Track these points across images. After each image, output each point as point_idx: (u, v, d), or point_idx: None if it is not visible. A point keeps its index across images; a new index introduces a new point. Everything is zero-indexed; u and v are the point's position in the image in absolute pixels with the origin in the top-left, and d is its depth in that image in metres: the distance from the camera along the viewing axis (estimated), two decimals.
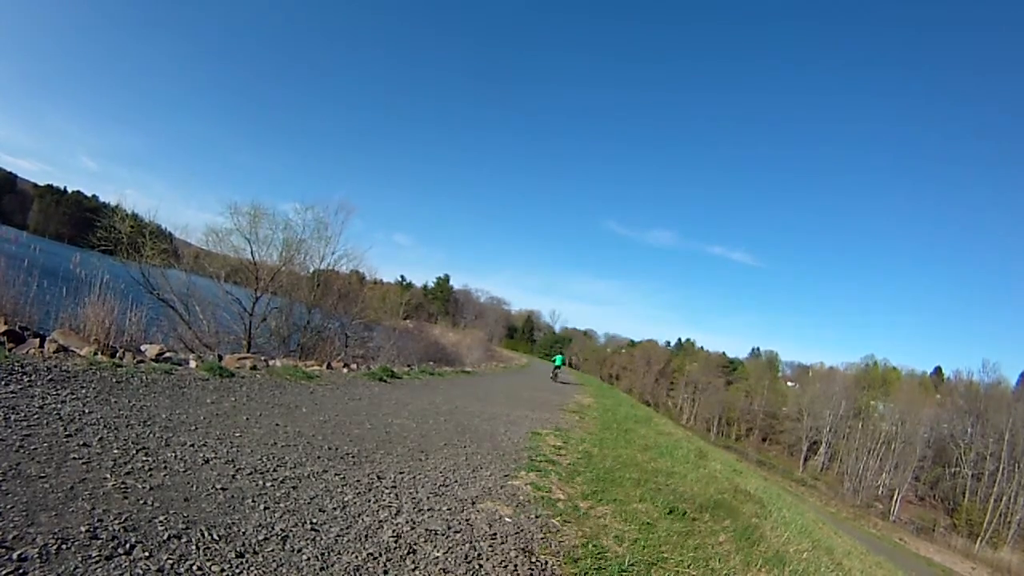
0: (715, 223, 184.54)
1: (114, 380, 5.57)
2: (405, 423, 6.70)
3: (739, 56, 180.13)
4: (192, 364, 7.74)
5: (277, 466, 4.05)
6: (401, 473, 4.54)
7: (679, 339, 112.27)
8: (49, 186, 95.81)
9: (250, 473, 3.79)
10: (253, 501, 3.33)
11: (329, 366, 10.61)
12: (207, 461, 3.87)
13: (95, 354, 6.96)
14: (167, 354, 8.04)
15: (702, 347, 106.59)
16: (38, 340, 6.37)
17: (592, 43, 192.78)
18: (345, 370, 10.77)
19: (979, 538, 47.16)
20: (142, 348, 8.54)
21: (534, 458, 6.23)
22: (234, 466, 3.87)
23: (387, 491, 4.01)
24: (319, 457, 4.50)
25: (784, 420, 77.86)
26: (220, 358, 8.02)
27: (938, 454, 59.20)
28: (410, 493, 4.09)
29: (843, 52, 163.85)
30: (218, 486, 3.45)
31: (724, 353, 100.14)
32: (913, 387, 71.58)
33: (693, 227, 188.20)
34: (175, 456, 3.83)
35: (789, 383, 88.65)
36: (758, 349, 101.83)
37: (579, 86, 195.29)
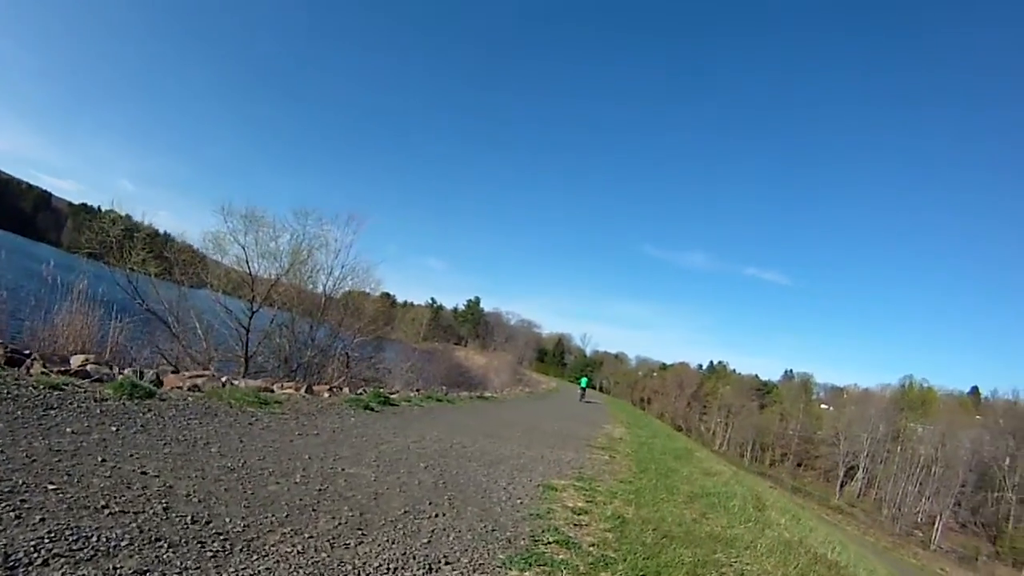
0: (749, 243, 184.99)
1: None
2: (361, 473, 4.82)
3: (768, 71, 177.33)
4: (118, 380, 6.16)
5: (50, 557, 2.26)
6: None
7: (711, 362, 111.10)
8: (83, 204, 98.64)
9: None
10: None
11: (309, 389, 8.90)
12: None
13: None
14: (90, 367, 6.43)
15: (735, 370, 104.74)
16: None
17: (625, 59, 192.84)
18: (327, 395, 9.03)
19: None
20: (71, 359, 7.03)
21: (539, 536, 4.25)
22: None
23: None
24: (154, 540, 2.67)
25: (820, 444, 75.96)
26: (140, 374, 6.37)
27: (981, 478, 56.79)
28: None
29: (873, 59, 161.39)
30: None
31: (757, 376, 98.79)
32: (952, 408, 68.47)
33: (727, 248, 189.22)
34: None
35: (823, 405, 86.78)
36: (791, 371, 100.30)
37: (609, 100, 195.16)
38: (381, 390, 10.45)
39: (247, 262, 14.14)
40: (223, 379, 7.94)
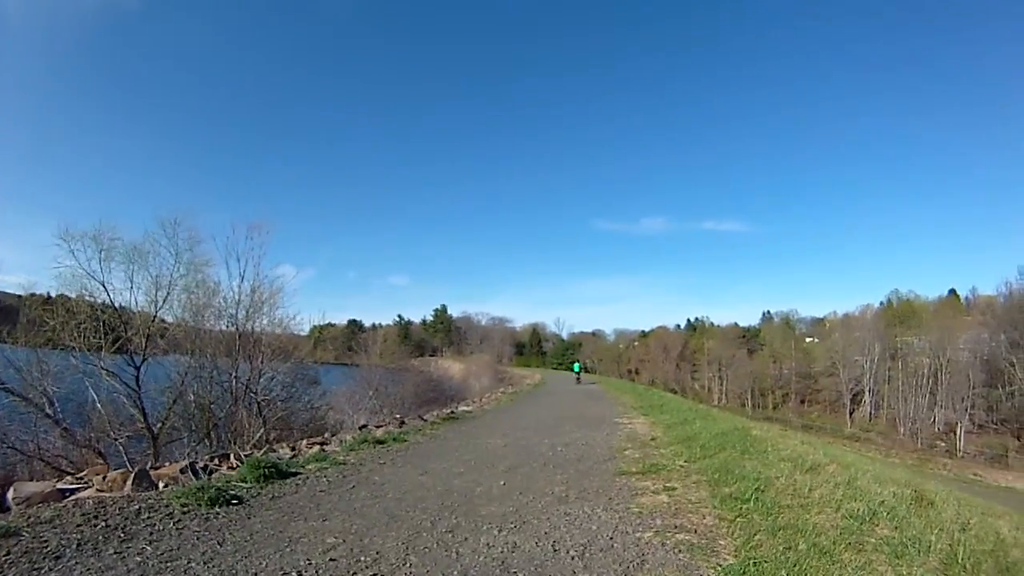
0: (701, 199, 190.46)
1: None
2: None
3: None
4: None
5: None
6: None
7: (688, 320, 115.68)
8: (32, 294, 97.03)
9: None
10: None
11: (142, 477, 5.94)
12: None
13: None
14: None
15: (714, 323, 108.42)
16: None
17: (551, 34, 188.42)
18: (163, 484, 6.06)
19: None
20: None
21: None
22: None
23: None
24: None
25: (819, 378, 77.86)
26: None
27: (990, 377, 58.07)
28: None
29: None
30: None
31: (736, 324, 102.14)
32: (942, 314, 70.81)
33: (682, 207, 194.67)
34: None
35: (808, 339, 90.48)
36: (769, 313, 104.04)
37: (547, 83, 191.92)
38: (264, 457, 7.48)
39: (111, 301, 11.24)
40: None
